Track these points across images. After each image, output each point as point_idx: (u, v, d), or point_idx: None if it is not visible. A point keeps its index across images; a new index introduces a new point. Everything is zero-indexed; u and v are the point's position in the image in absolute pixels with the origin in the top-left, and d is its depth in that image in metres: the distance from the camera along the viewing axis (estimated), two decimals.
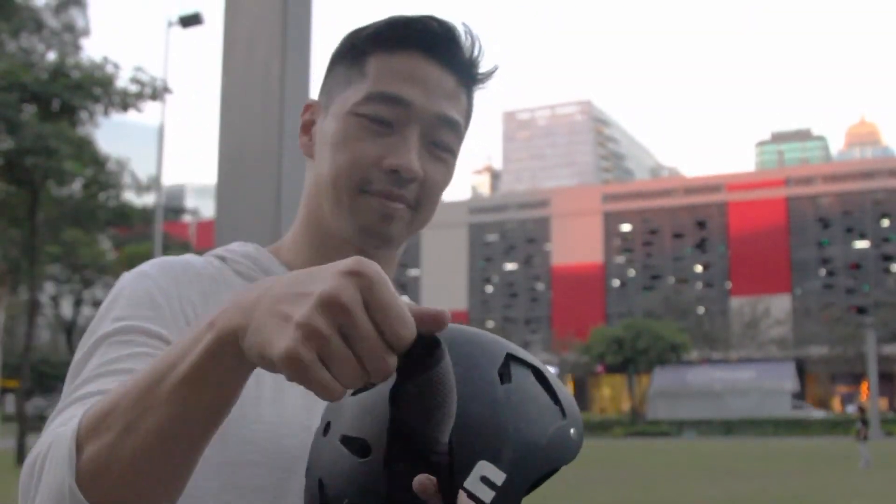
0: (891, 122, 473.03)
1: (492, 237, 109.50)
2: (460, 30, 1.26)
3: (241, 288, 1.23)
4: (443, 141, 1.26)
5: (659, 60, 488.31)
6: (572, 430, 0.98)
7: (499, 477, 0.90)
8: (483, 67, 1.30)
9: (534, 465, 0.93)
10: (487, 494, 0.89)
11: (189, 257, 1.28)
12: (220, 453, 1.11)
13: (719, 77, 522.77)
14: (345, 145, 1.23)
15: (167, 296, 1.19)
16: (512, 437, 0.92)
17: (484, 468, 0.90)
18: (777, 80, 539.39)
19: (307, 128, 1.34)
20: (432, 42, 1.25)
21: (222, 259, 1.29)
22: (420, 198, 1.25)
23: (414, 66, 1.24)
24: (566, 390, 1.02)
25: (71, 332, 60.07)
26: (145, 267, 1.25)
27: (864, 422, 28.61)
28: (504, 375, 0.96)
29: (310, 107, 1.35)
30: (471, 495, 0.88)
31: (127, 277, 1.23)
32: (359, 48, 1.27)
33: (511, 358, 0.98)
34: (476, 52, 1.28)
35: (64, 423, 0.99)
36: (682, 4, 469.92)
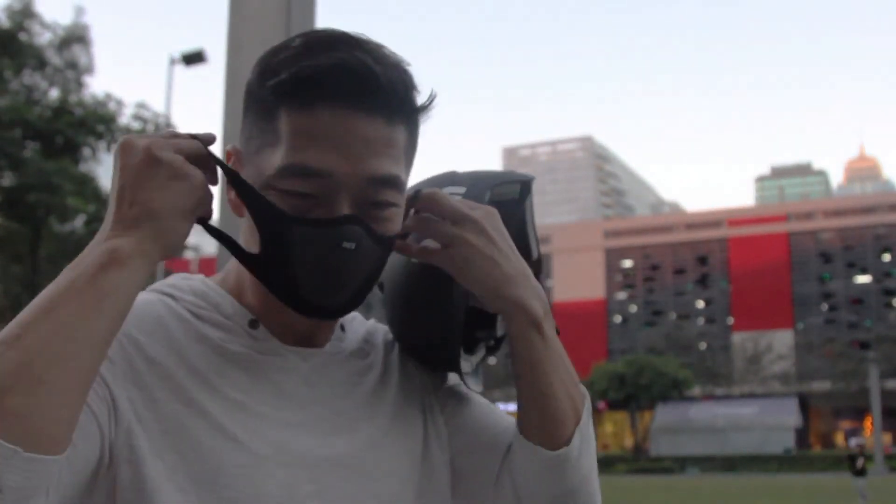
0: (891, 156, 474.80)
1: None
2: (380, 66, 1.11)
3: (194, 324, 1.19)
4: (380, 200, 1.14)
5: (659, 96, 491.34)
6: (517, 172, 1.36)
7: (459, 190, 1.29)
8: (418, 97, 1.17)
9: (483, 178, 1.31)
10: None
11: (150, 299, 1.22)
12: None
13: (719, 111, 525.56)
14: None
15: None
16: (464, 173, 1.33)
17: (448, 189, 1.28)
18: (775, 113, 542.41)
19: (228, 189, 1.19)
20: (349, 90, 1.10)
21: (172, 297, 1.23)
22: None
23: (330, 125, 1.10)
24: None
25: None
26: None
27: (862, 458, 28.41)
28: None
29: (230, 156, 1.20)
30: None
31: None
32: (267, 101, 1.13)
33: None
34: (404, 87, 1.14)
35: None
36: (681, 41, 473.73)
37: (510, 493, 1.25)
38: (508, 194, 1.32)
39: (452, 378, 1.36)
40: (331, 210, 1.11)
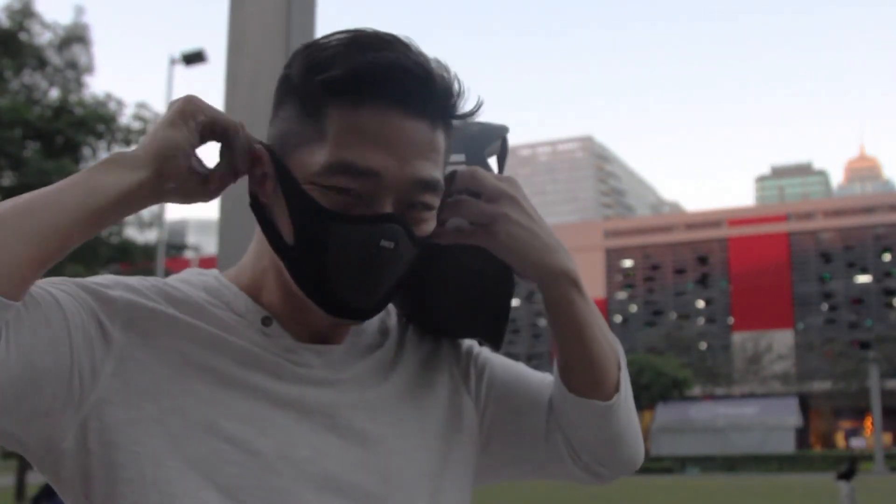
0: (891, 156, 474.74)
1: None
2: (435, 69, 1.12)
3: (220, 314, 1.19)
4: (421, 202, 1.14)
5: (659, 96, 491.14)
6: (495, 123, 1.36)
7: (459, 157, 1.28)
8: (464, 105, 1.17)
9: (476, 141, 1.31)
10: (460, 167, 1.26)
11: (146, 278, 1.23)
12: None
13: (719, 111, 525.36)
14: None
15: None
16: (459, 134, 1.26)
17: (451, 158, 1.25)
18: (776, 113, 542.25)
19: (261, 181, 1.18)
20: (405, 91, 1.09)
21: None
22: None
23: (383, 124, 1.09)
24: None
25: None
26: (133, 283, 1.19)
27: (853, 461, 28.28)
28: None
29: (260, 158, 1.16)
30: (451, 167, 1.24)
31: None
32: (313, 95, 1.11)
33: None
34: (454, 93, 1.15)
35: None
36: (681, 41, 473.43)
37: (563, 445, 1.31)
38: (496, 151, 1.35)
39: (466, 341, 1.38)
40: (372, 209, 1.10)
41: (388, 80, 1.08)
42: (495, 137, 1.34)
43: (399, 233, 1.10)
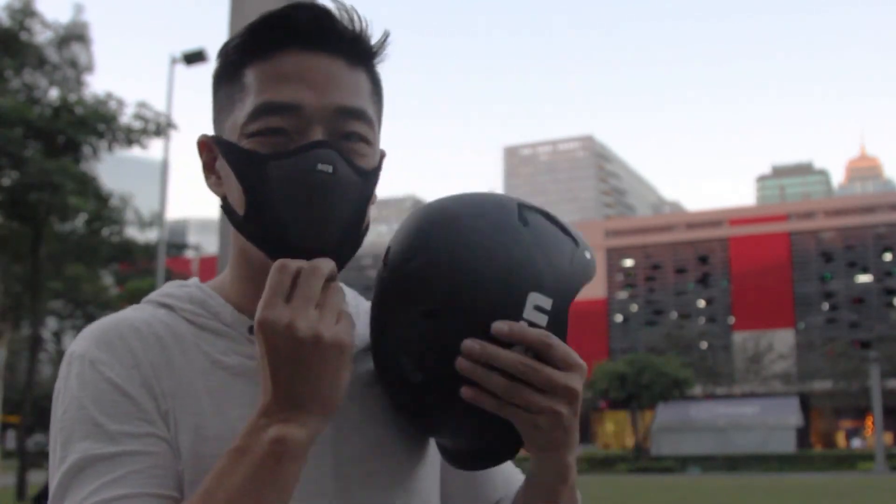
0: (892, 156, 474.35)
1: None
2: (335, 9, 1.15)
3: (191, 339, 1.18)
4: (352, 132, 1.15)
5: (660, 95, 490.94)
6: (587, 253, 1.18)
7: (546, 302, 1.10)
8: (372, 38, 1.19)
9: (568, 286, 1.12)
10: (542, 319, 1.09)
11: (131, 318, 1.18)
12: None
13: (720, 110, 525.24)
14: None
15: (132, 380, 1.12)
16: (546, 268, 1.11)
17: (535, 298, 1.09)
18: (776, 112, 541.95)
19: (210, 166, 1.21)
20: (307, 33, 1.14)
21: (169, 307, 1.21)
22: None
23: (294, 64, 1.13)
24: (569, 224, 1.21)
25: None
26: (88, 349, 1.13)
27: None
28: (523, 221, 1.16)
29: (205, 144, 1.22)
30: (531, 324, 1.08)
31: (73, 372, 1.12)
32: (233, 62, 1.16)
33: (522, 206, 1.19)
34: (360, 27, 1.17)
35: None
36: (682, 40, 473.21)
37: None
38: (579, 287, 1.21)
39: None
40: (303, 141, 1.12)
41: (291, 24, 1.13)
42: (588, 277, 1.19)
43: (333, 156, 1.10)
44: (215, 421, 1.12)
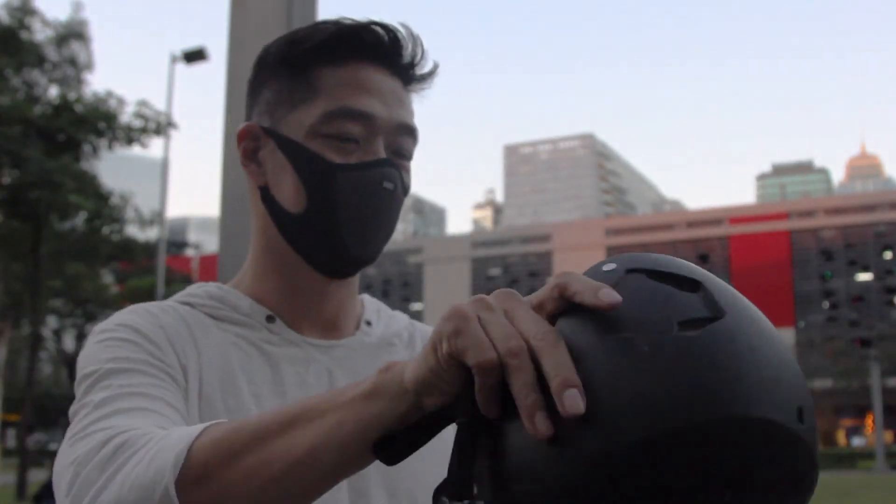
0: (892, 154, 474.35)
1: (494, 271, 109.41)
2: (402, 32, 1.22)
3: (216, 332, 1.21)
4: (404, 149, 1.23)
5: (661, 94, 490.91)
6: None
7: None
8: (424, 68, 1.26)
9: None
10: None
11: (156, 304, 1.22)
12: None
13: (720, 109, 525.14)
14: None
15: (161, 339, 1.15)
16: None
17: None
18: (777, 111, 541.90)
19: (250, 155, 1.25)
20: (380, 49, 1.21)
21: (190, 305, 1.24)
22: None
23: (366, 77, 1.20)
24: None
25: (73, 366, 59.60)
26: (114, 318, 1.18)
27: None
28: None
29: (247, 133, 1.25)
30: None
31: (96, 338, 1.14)
32: (299, 62, 1.21)
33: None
34: (419, 55, 1.24)
35: (122, 428, 0.93)
36: (683, 39, 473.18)
37: None
38: None
39: None
40: (370, 155, 1.18)
41: (367, 41, 1.19)
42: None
43: (396, 176, 1.19)
44: (225, 394, 1.15)
